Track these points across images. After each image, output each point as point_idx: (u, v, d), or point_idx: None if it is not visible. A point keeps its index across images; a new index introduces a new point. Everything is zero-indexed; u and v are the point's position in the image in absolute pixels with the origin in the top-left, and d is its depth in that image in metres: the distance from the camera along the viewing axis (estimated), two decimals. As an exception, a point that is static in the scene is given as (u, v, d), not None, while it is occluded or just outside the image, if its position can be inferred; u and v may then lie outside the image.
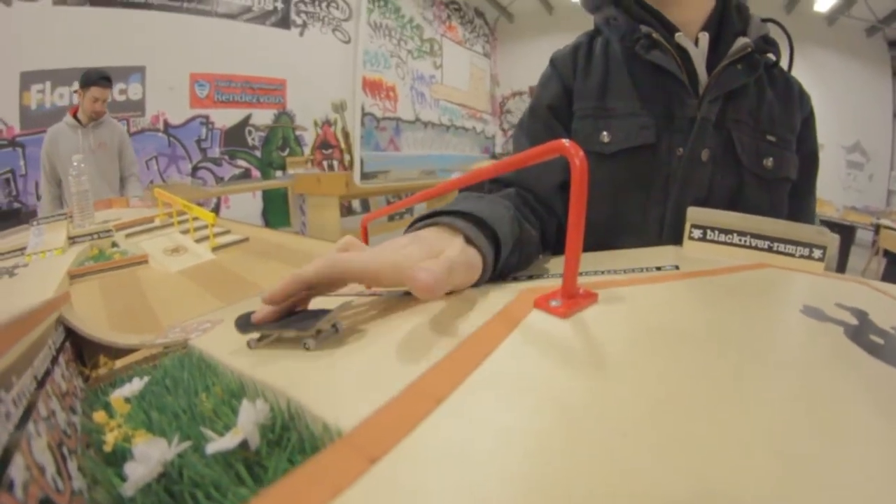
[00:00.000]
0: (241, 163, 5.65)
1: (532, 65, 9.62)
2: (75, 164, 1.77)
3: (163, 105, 4.91)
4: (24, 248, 1.49)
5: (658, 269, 0.57)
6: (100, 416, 0.35)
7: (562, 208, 0.84)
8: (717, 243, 0.67)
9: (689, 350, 0.31)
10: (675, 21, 0.85)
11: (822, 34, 7.34)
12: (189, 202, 1.64)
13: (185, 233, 1.63)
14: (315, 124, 6.40)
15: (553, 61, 0.96)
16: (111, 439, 0.32)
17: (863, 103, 7.48)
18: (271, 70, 5.83)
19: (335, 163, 6.66)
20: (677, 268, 0.57)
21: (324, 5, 6.40)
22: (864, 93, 7.47)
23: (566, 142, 0.37)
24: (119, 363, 0.54)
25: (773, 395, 0.26)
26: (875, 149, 7.65)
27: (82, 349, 0.53)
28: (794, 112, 0.88)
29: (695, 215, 0.69)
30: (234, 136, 5.58)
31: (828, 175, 7.15)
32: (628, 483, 0.18)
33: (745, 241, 0.65)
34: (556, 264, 0.74)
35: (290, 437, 0.26)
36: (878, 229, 4.95)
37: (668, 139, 0.83)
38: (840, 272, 0.56)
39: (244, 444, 0.26)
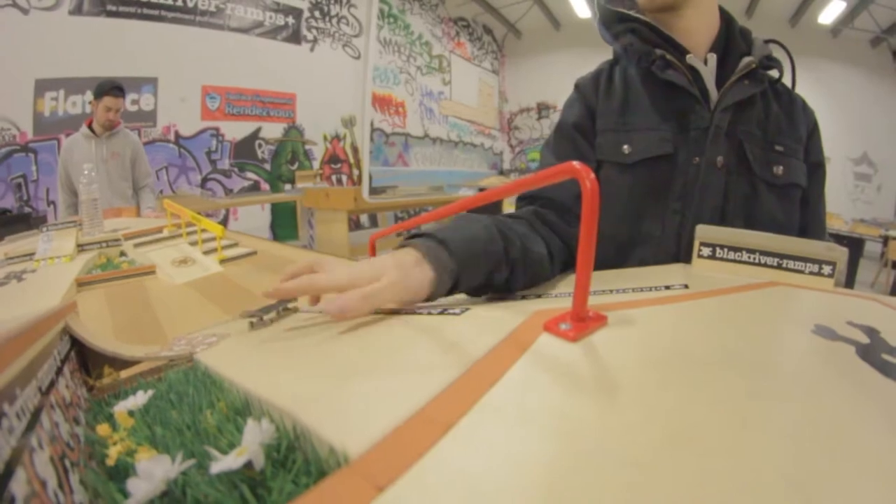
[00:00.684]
0: (250, 175, 5.68)
1: (540, 81, 9.72)
2: (86, 172, 1.78)
3: (174, 116, 4.96)
4: (33, 254, 1.49)
5: (667, 287, 0.57)
6: (103, 428, 0.35)
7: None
8: (727, 261, 0.67)
9: (699, 375, 0.31)
10: (685, 45, 0.91)
11: (826, 46, 7.39)
12: (198, 213, 1.64)
13: (194, 244, 1.63)
14: (324, 138, 6.44)
15: (577, 86, 1.02)
16: (114, 453, 0.32)
17: (869, 114, 7.51)
18: (282, 84, 5.88)
19: (344, 177, 6.69)
20: (686, 287, 0.57)
21: (334, 21, 6.46)
22: (871, 103, 7.49)
23: (577, 164, 0.37)
24: (124, 374, 0.54)
25: (786, 420, 0.25)
26: (883, 159, 7.66)
27: (87, 359, 0.53)
28: (798, 124, 0.93)
29: (703, 233, 0.69)
30: (244, 149, 5.62)
31: (836, 187, 7.17)
32: None
33: (755, 259, 0.65)
34: (568, 283, 0.73)
35: (295, 458, 0.26)
36: (886, 241, 4.96)
37: (686, 149, 0.88)
38: (849, 285, 0.55)
39: (249, 465, 0.25)
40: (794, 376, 0.32)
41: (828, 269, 0.61)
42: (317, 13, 6.26)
